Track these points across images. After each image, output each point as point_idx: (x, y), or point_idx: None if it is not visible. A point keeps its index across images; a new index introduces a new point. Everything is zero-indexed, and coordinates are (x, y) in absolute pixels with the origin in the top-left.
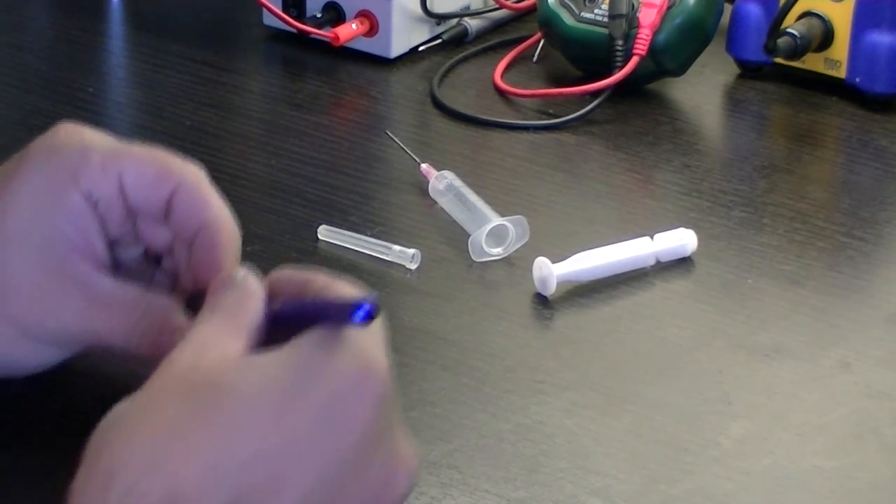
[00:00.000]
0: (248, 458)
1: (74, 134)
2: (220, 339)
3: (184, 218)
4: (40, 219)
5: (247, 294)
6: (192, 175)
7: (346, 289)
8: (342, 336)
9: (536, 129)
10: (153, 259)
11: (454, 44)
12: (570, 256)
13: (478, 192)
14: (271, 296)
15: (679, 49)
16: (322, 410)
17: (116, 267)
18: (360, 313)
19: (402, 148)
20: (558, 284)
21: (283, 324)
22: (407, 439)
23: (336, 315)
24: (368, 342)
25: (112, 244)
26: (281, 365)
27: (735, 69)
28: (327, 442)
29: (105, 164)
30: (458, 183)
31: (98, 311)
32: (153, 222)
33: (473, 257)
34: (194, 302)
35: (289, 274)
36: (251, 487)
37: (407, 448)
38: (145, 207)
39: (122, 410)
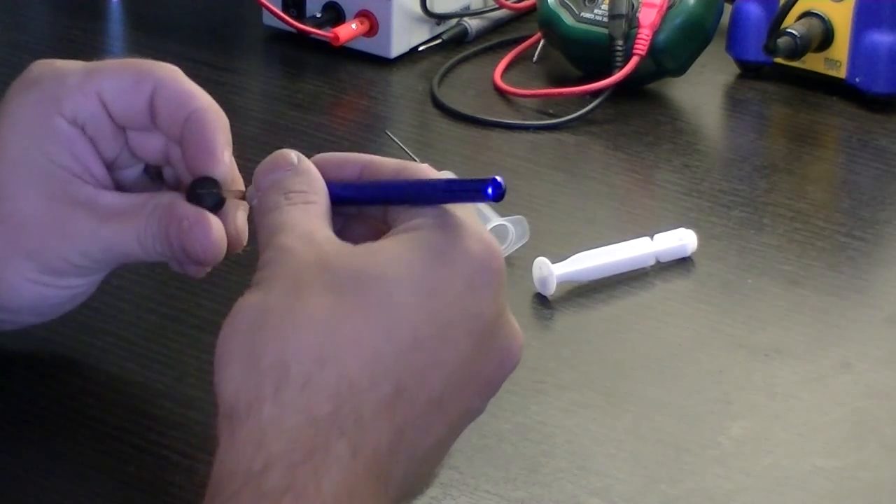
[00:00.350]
0: (406, 345)
1: (46, 66)
2: (318, 226)
3: (169, 113)
4: (34, 153)
5: (312, 177)
6: (168, 71)
7: (422, 169)
8: (459, 219)
9: (536, 129)
10: (154, 175)
11: (454, 44)
12: (570, 256)
13: None
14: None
15: (679, 49)
16: (460, 292)
17: (119, 190)
18: (491, 189)
19: (402, 148)
20: (558, 284)
21: (338, 205)
22: (512, 315)
23: (461, 194)
24: (479, 224)
25: (110, 168)
26: (416, 251)
27: (735, 69)
28: (466, 322)
29: (82, 85)
30: None
31: (108, 225)
32: (143, 131)
33: None
34: (193, 190)
35: (337, 157)
36: (411, 372)
37: (515, 323)
38: (131, 116)
39: (262, 308)
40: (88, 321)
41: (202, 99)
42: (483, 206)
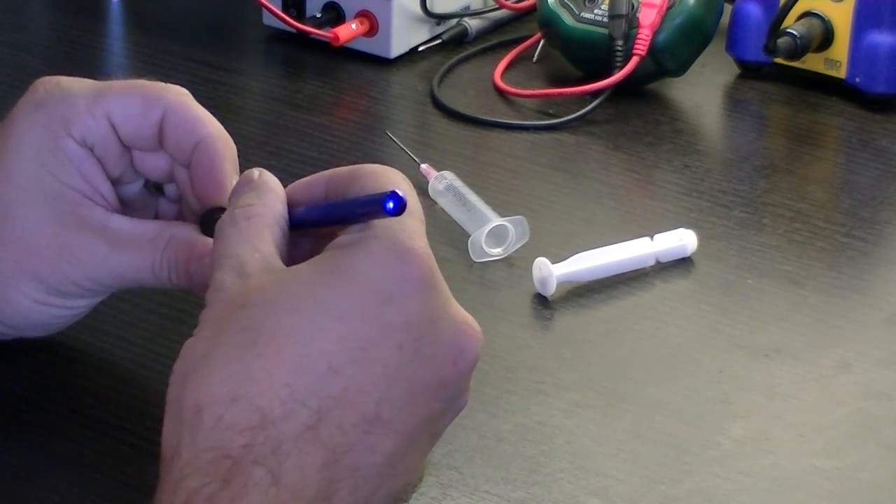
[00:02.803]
0: (320, 373)
1: (53, 85)
2: (251, 249)
3: (178, 139)
4: (43, 175)
5: (265, 190)
6: (178, 96)
7: (374, 173)
8: (373, 233)
9: (536, 129)
10: (155, 189)
11: (454, 44)
12: (570, 256)
13: (478, 192)
14: (294, 204)
15: (679, 49)
16: (377, 309)
17: (122, 205)
18: (391, 204)
19: (402, 148)
20: (558, 285)
21: (311, 229)
22: (461, 309)
23: (367, 211)
24: (401, 231)
25: (114, 183)
26: (324, 276)
27: (735, 69)
28: (391, 336)
29: (91, 107)
30: (458, 183)
31: (121, 253)
32: (149, 152)
33: (473, 258)
34: (205, 221)
35: (304, 181)
36: (330, 398)
37: (464, 316)
38: (138, 139)
39: (191, 351)
40: (88, 321)
41: (211, 126)
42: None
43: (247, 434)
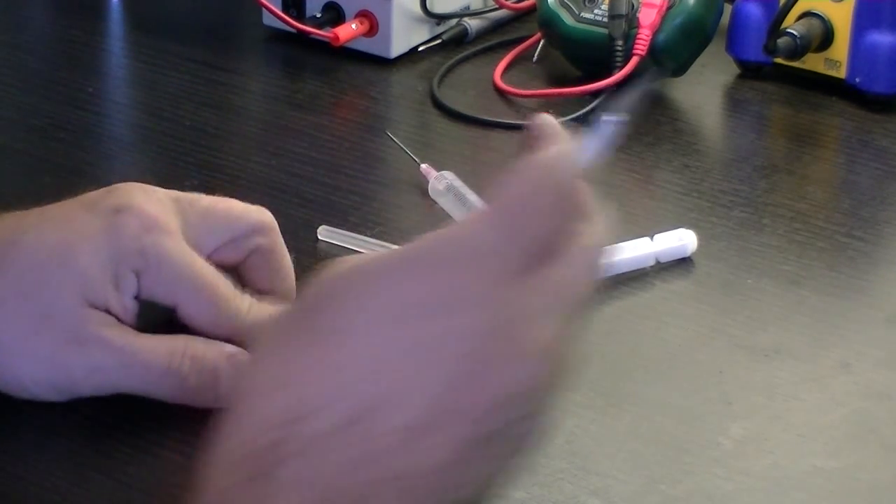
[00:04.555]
0: (365, 373)
1: (138, 219)
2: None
3: (254, 279)
4: (94, 286)
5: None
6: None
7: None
8: (448, 236)
9: None
10: None
11: (454, 44)
12: None
13: (478, 193)
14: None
15: (679, 49)
16: (436, 316)
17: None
18: None
19: (402, 148)
20: None
21: None
22: (532, 334)
23: None
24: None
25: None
26: (394, 273)
27: (735, 69)
28: (443, 347)
29: (162, 274)
30: (458, 183)
31: (135, 371)
32: None
33: None
34: None
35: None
36: (371, 400)
37: (531, 342)
38: None
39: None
40: None
41: (290, 281)
42: (479, 202)
43: (278, 430)
